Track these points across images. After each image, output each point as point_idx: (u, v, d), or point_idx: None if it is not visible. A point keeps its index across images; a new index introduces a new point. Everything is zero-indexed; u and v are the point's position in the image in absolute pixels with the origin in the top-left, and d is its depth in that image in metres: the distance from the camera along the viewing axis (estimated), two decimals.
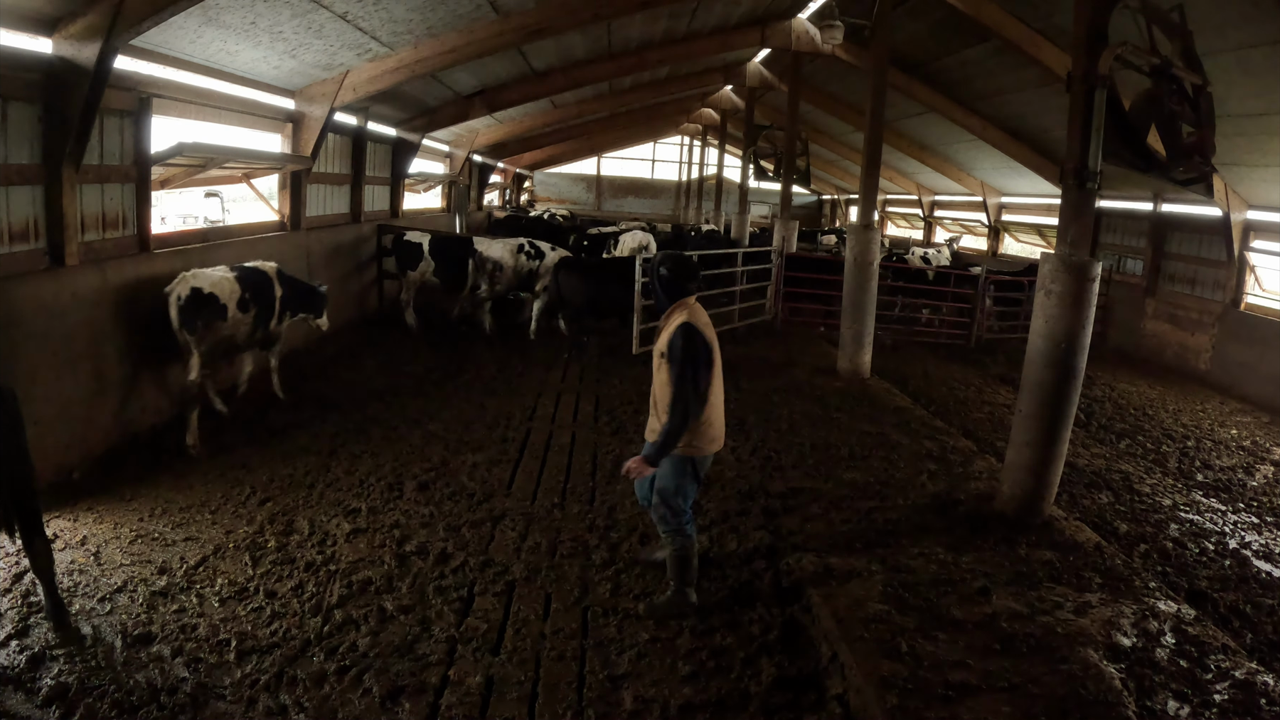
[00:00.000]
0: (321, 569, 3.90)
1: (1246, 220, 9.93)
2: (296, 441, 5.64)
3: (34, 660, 3.07)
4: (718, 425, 3.62)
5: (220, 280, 5.57)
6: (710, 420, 3.54)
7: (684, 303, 3.51)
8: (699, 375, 3.37)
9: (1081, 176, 4.38)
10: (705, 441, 3.54)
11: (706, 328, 3.47)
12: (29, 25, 4.37)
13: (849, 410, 7.03)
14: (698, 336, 3.38)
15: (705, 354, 3.40)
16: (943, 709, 2.86)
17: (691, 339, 3.36)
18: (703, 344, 3.39)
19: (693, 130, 26.71)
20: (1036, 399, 4.60)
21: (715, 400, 3.55)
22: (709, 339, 3.44)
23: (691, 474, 3.58)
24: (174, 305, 5.31)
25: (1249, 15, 6.30)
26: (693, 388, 3.35)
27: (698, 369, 3.36)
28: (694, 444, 3.51)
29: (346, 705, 2.96)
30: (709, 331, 3.48)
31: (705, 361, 3.40)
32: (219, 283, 5.54)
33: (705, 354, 3.40)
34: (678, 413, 3.36)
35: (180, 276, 5.41)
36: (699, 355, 3.37)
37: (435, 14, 7.05)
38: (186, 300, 5.31)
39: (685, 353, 3.34)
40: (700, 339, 3.39)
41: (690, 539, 3.63)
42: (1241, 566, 4.82)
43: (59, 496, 4.54)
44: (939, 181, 17.22)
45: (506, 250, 9.53)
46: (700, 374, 3.37)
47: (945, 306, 12.48)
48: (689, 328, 3.37)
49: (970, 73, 10.74)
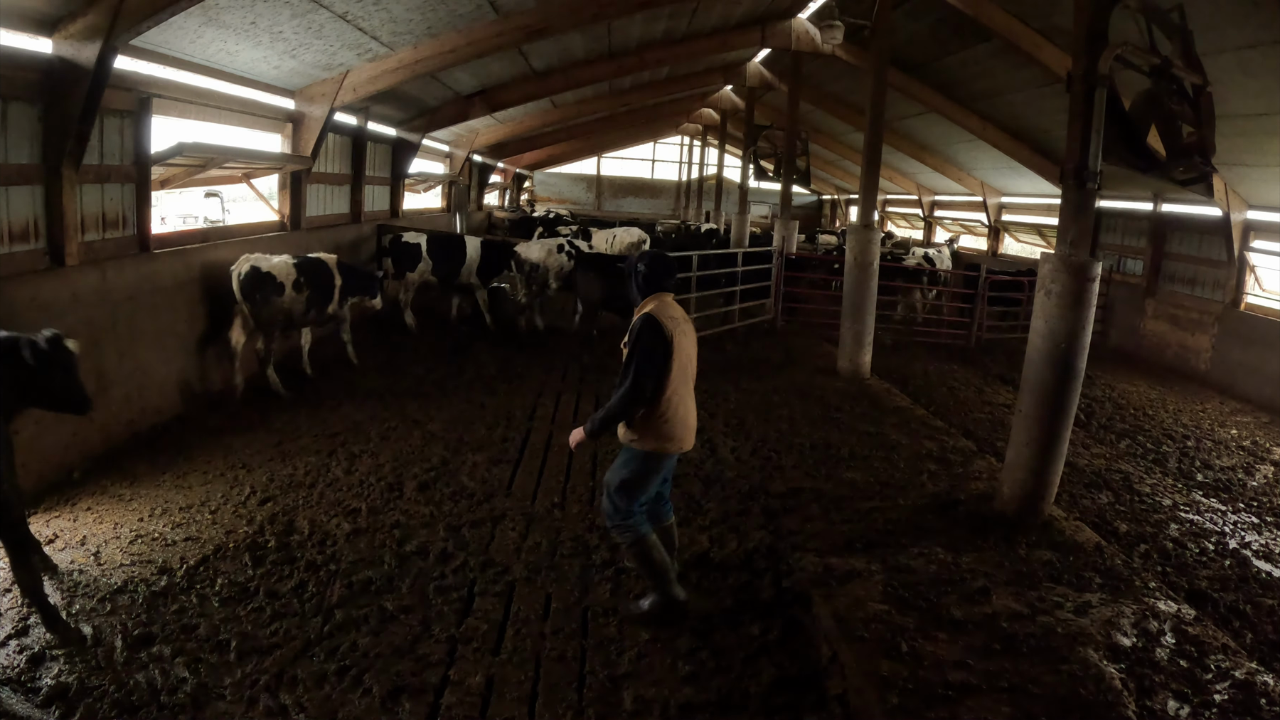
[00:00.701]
0: (322, 569, 3.90)
1: (1246, 220, 9.93)
2: (297, 441, 5.64)
3: (34, 660, 3.07)
4: (682, 424, 3.44)
5: (279, 264, 6.55)
6: (670, 418, 3.38)
7: (657, 297, 3.43)
8: (651, 363, 3.26)
9: (1081, 176, 4.38)
10: (664, 439, 3.38)
11: (673, 321, 3.36)
12: (29, 25, 4.37)
13: (849, 410, 7.03)
14: (657, 326, 3.29)
15: (663, 345, 3.29)
16: (943, 709, 2.86)
17: (650, 327, 3.29)
18: (662, 335, 3.28)
19: (693, 130, 26.73)
20: (1036, 399, 4.60)
21: (677, 398, 3.40)
22: (671, 331, 3.31)
23: (647, 471, 3.42)
24: (235, 279, 6.31)
25: (1249, 15, 6.30)
26: (641, 375, 3.25)
27: (651, 357, 3.27)
28: (651, 440, 3.36)
29: (347, 705, 2.96)
30: (677, 326, 3.37)
31: (663, 352, 3.29)
32: (277, 265, 6.53)
33: (663, 345, 3.29)
34: (621, 397, 3.28)
35: (243, 257, 6.41)
36: (656, 345, 3.28)
37: (435, 14, 7.05)
38: (246, 276, 6.31)
39: (639, 339, 3.28)
40: (660, 329, 3.29)
41: (641, 534, 3.45)
42: (1241, 566, 4.82)
43: (59, 496, 4.55)
44: (939, 181, 17.22)
45: (545, 250, 9.70)
46: (652, 362, 3.27)
47: (946, 307, 12.49)
48: (649, 317, 3.31)
49: (970, 73, 10.73)
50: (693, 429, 3.55)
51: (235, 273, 6.30)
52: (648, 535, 3.48)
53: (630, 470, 3.43)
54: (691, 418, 3.55)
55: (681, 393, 3.43)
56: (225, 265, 6.40)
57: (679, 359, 3.36)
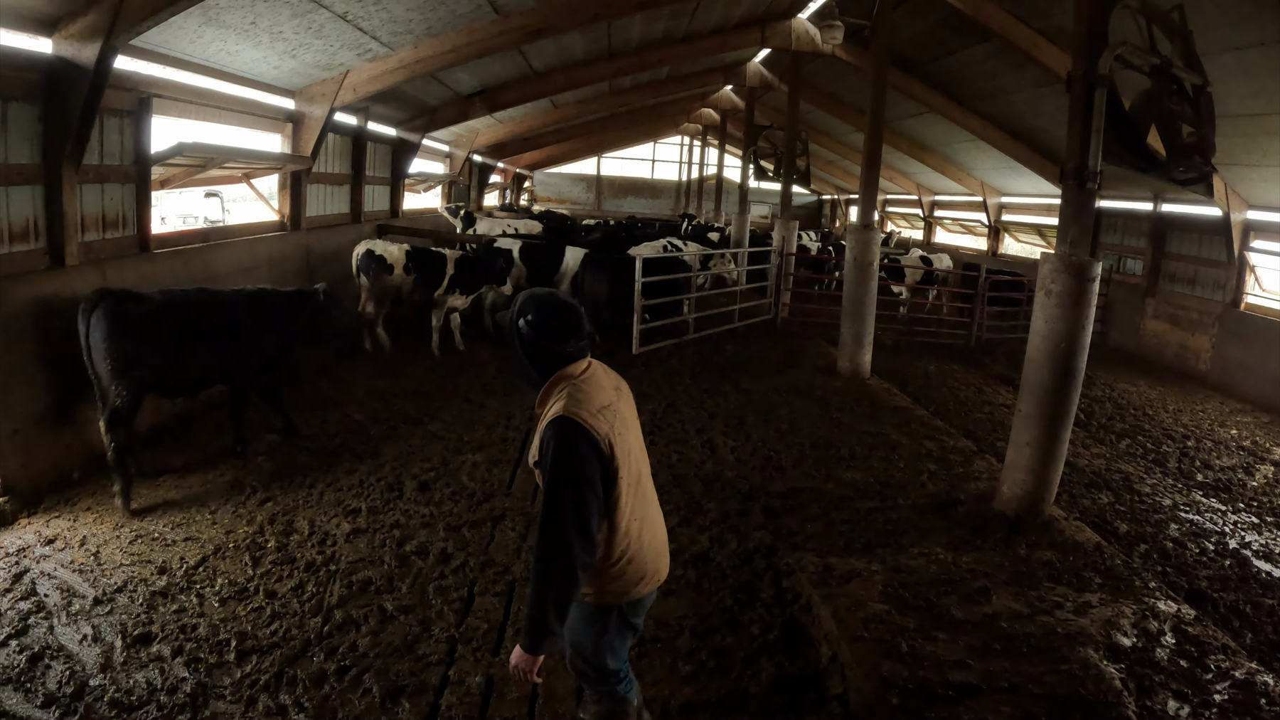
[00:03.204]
0: (322, 569, 3.90)
1: (1246, 220, 9.93)
2: (297, 441, 5.64)
3: (34, 660, 3.07)
4: (649, 558, 2.36)
5: (390, 249, 8.27)
6: (633, 556, 2.30)
7: (564, 376, 2.24)
8: (585, 505, 2.11)
9: (1081, 176, 4.38)
10: (628, 584, 2.33)
11: (604, 416, 2.18)
12: (29, 25, 4.37)
13: (849, 410, 7.03)
14: (584, 437, 2.11)
15: (599, 465, 2.14)
16: (943, 709, 2.86)
17: (571, 441, 2.11)
18: (594, 451, 2.12)
19: (693, 130, 26.73)
20: (1036, 399, 4.60)
21: (636, 524, 2.30)
22: (606, 435, 2.15)
23: (615, 626, 2.40)
24: (354, 258, 8.25)
25: (1248, 15, 6.30)
26: (576, 521, 2.10)
27: (582, 495, 2.11)
28: (612, 592, 2.32)
29: (346, 705, 2.96)
30: (613, 418, 2.21)
31: (602, 474, 2.15)
32: (388, 249, 8.26)
33: (599, 465, 2.14)
34: (551, 563, 2.10)
35: (363, 241, 8.37)
36: (586, 471, 2.11)
37: (435, 14, 7.05)
38: (362, 256, 8.18)
39: (562, 466, 2.10)
40: (589, 441, 2.12)
41: (624, 700, 2.53)
42: (1241, 566, 4.81)
43: (59, 496, 4.54)
44: (939, 181, 17.22)
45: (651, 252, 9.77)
46: (587, 503, 2.12)
47: (946, 307, 12.49)
48: (566, 424, 2.12)
49: (970, 73, 10.74)
50: (665, 549, 2.50)
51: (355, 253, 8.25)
52: (630, 700, 2.56)
53: (593, 630, 2.39)
54: (661, 535, 2.47)
55: (639, 511, 2.33)
56: (225, 265, 6.40)
57: (627, 470, 2.23)
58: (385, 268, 8.15)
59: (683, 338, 9.58)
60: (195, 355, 4.86)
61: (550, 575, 2.11)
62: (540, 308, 2.24)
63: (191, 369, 4.88)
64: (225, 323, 5.03)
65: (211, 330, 4.94)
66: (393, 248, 8.32)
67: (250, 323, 5.17)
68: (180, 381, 4.91)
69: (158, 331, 4.61)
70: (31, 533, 4.10)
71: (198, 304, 4.98)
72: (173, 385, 4.90)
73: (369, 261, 8.18)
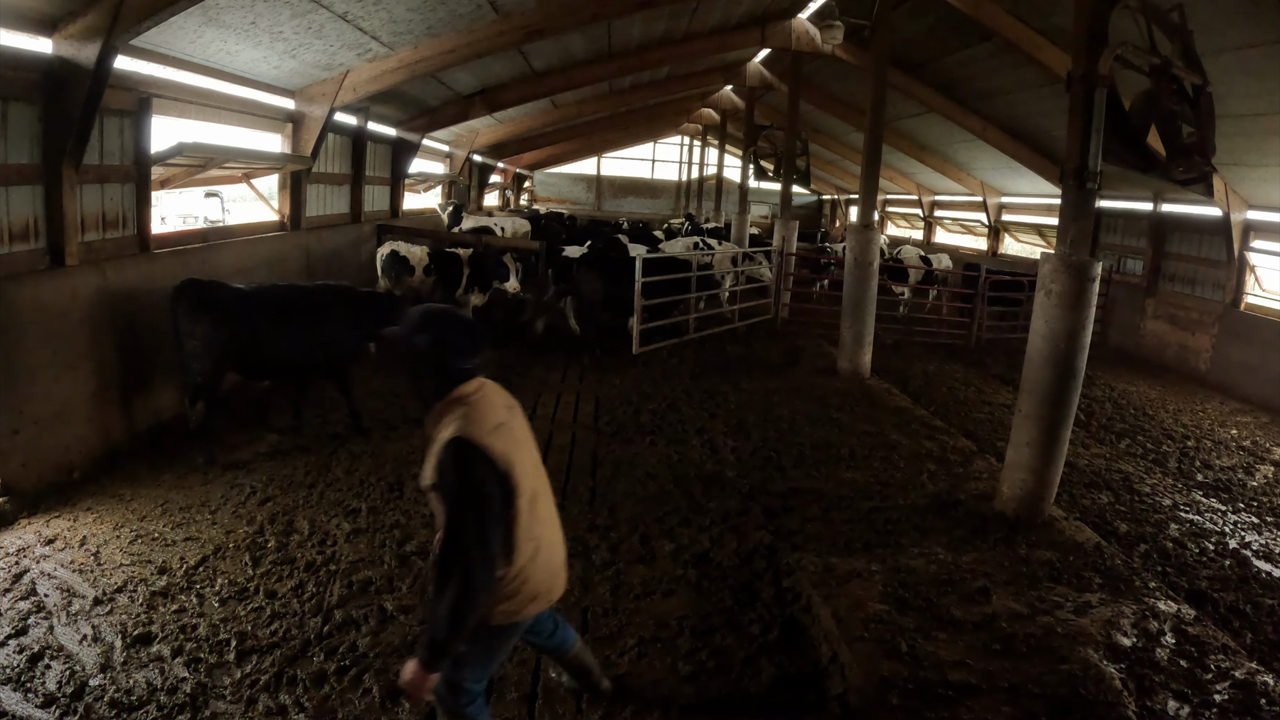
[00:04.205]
0: (322, 569, 3.90)
1: (1246, 220, 9.93)
2: (297, 441, 5.64)
3: (33, 660, 3.08)
4: (543, 578, 2.33)
5: (412, 250, 8.70)
6: (530, 575, 2.27)
7: (459, 396, 2.19)
8: (484, 524, 2.09)
9: (1081, 176, 4.38)
10: (521, 604, 2.28)
11: (500, 435, 2.16)
12: (29, 25, 4.37)
13: (849, 410, 7.03)
14: (479, 458, 2.08)
15: (498, 484, 2.11)
16: (943, 709, 2.86)
17: (470, 463, 2.08)
18: (491, 470, 2.10)
19: (693, 130, 26.72)
20: (1036, 399, 4.60)
21: (531, 544, 2.26)
22: (504, 453, 2.13)
23: (493, 647, 2.36)
24: (379, 258, 8.64)
25: (1249, 15, 6.29)
26: (478, 543, 2.08)
27: (483, 515, 2.09)
28: (503, 611, 2.27)
29: (346, 705, 2.96)
30: (508, 437, 2.19)
31: (501, 495, 2.13)
32: (411, 250, 8.68)
33: (498, 484, 2.11)
34: (454, 585, 2.07)
35: (386, 242, 8.85)
36: (485, 492, 2.09)
37: (435, 14, 7.05)
38: (386, 257, 8.54)
39: (461, 488, 2.08)
40: (485, 461, 2.09)
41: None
42: (1241, 566, 4.81)
43: (59, 497, 4.55)
44: (939, 181, 17.21)
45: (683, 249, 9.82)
46: (486, 522, 2.10)
47: (946, 307, 12.49)
48: (464, 446, 2.08)
49: (970, 73, 10.73)
50: (561, 569, 2.45)
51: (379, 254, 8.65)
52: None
53: (474, 646, 2.30)
54: (557, 555, 2.42)
55: (535, 531, 2.28)
56: (225, 265, 6.40)
57: (524, 488, 2.20)
58: (408, 269, 8.50)
59: (683, 338, 9.58)
60: (273, 341, 5.31)
61: (452, 597, 2.08)
62: (440, 324, 2.18)
63: (269, 354, 5.35)
64: (305, 314, 5.46)
65: (290, 320, 5.38)
66: (415, 249, 8.64)
67: (329, 317, 5.56)
68: (258, 365, 5.42)
69: (235, 318, 5.12)
70: (31, 533, 4.10)
71: (277, 296, 5.48)
72: (252, 367, 5.44)
73: (393, 263, 8.45)
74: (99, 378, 5.10)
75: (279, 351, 5.40)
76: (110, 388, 5.22)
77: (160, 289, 5.62)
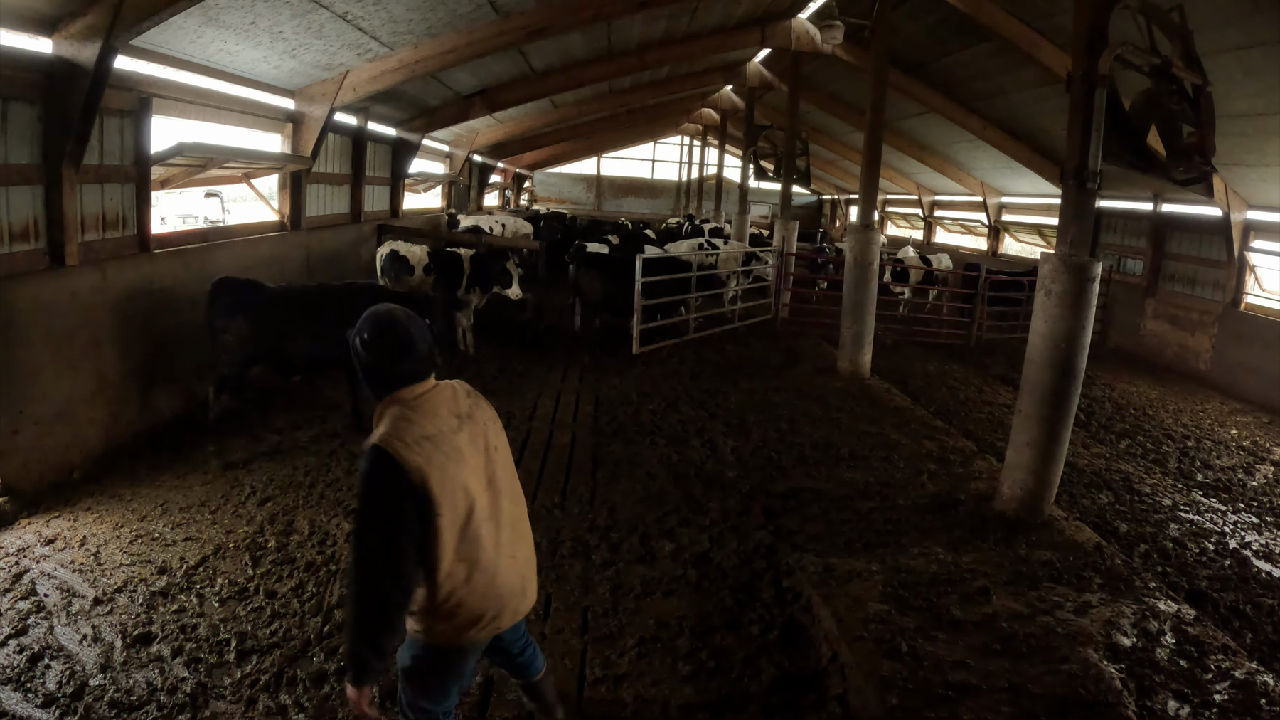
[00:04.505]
0: (322, 569, 3.90)
1: (1246, 220, 9.93)
2: (297, 441, 5.64)
3: (33, 660, 3.08)
4: (485, 604, 2.18)
5: (413, 250, 8.59)
6: (461, 600, 2.13)
7: (396, 399, 2.13)
8: (387, 537, 1.97)
9: (1081, 176, 4.38)
10: (459, 627, 2.17)
11: (430, 444, 2.04)
12: (29, 25, 4.37)
13: (849, 410, 7.03)
14: (391, 467, 1.97)
15: (408, 499, 1.98)
16: (943, 709, 2.86)
17: (380, 473, 1.98)
18: (401, 482, 1.97)
19: (693, 130, 26.72)
20: (1036, 399, 4.60)
21: (463, 567, 2.12)
22: (420, 467, 1.99)
23: (443, 670, 2.28)
24: (379, 258, 8.59)
25: (1249, 15, 6.30)
26: (384, 559, 1.97)
27: (390, 525, 1.97)
28: (443, 632, 2.17)
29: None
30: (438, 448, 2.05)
31: (413, 511, 1.99)
32: (411, 250, 8.57)
33: (408, 499, 1.98)
34: (361, 601, 2.02)
35: (386, 242, 8.87)
36: (390, 505, 1.98)
37: (435, 14, 7.05)
38: (386, 256, 8.48)
39: (367, 497, 2.00)
40: (397, 473, 1.97)
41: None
42: (1241, 566, 4.81)
43: (59, 497, 4.55)
44: (939, 181, 17.22)
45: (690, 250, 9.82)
46: (390, 536, 1.97)
47: (946, 307, 12.49)
48: (376, 454, 1.99)
49: (970, 73, 10.73)
50: (514, 594, 2.28)
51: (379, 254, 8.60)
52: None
53: (420, 665, 2.27)
54: (506, 580, 2.24)
55: (469, 554, 2.13)
56: (225, 265, 6.39)
57: (451, 508, 2.05)
58: (408, 269, 8.41)
59: (683, 338, 9.58)
60: (302, 339, 5.52)
61: (360, 612, 2.03)
62: (373, 326, 2.11)
63: (299, 350, 5.56)
64: (334, 313, 5.45)
65: (320, 318, 5.51)
66: (415, 249, 8.55)
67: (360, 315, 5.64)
68: (289, 360, 5.65)
69: (264, 315, 5.38)
70: (31, 533, 4.10)
71: (308, 295, 5.71)
72: (284, 363, 5.69)
73: (392, 263, 8.40)
74: (99, 378, 5.09)
75: (308, 349, 5.57)
76: (110, 388, 5.22)
77: (160, 289, 5.64)
